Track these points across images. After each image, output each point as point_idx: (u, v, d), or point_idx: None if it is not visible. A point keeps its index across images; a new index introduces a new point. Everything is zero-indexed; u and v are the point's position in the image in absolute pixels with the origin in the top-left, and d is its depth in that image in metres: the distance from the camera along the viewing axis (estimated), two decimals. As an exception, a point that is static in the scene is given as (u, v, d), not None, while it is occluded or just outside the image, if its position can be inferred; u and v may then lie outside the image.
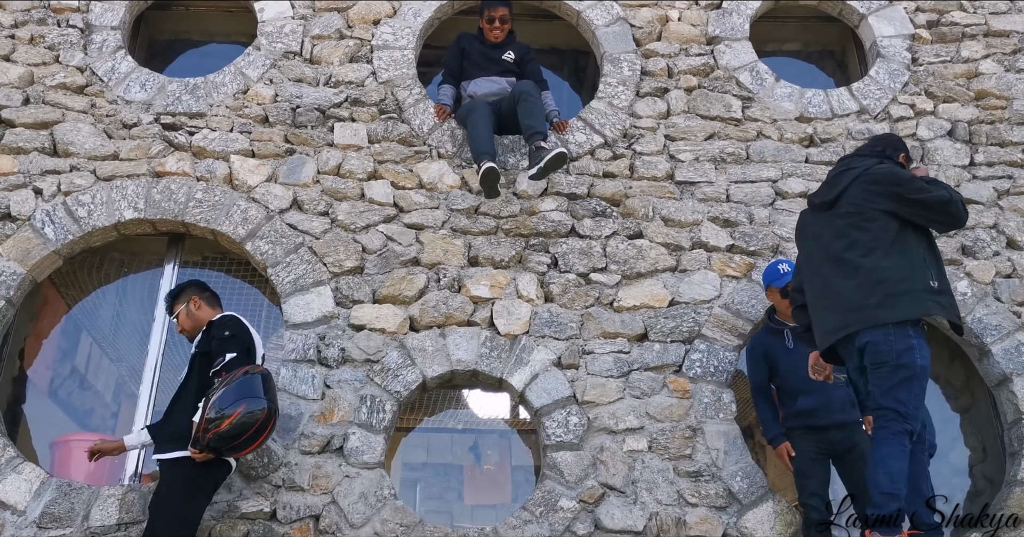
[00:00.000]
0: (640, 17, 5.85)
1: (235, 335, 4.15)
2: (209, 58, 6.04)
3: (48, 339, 5.37)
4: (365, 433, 4.51)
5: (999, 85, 5.65)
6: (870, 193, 3.80)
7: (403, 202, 5.12)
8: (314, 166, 5.19)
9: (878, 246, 3.72)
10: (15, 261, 4.83)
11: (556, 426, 4.58)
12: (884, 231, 3.75)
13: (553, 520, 4.35)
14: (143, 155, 5.15)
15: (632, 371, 4.73)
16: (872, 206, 3.78)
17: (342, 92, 5.44)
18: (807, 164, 5.38)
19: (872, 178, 3.84)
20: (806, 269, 4.00)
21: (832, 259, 3.82)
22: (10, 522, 4.25)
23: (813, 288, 3.91)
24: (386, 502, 4.36)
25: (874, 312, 3.61)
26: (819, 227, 3.96)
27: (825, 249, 3.87)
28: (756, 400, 4.59)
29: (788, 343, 4.49)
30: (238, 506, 4.32)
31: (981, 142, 5.47)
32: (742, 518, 4.42)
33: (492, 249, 4.98)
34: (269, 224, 4.99)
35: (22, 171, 5.06)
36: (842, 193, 3.87)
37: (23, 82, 5.36)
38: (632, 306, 4.89)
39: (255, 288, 5.29)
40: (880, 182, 3.82)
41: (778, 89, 5.63)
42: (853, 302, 3.67)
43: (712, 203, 5.22)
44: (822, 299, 3.84)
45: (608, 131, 5.42)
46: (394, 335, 4.76)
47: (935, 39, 5.86)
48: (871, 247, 3.73)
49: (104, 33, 5.59)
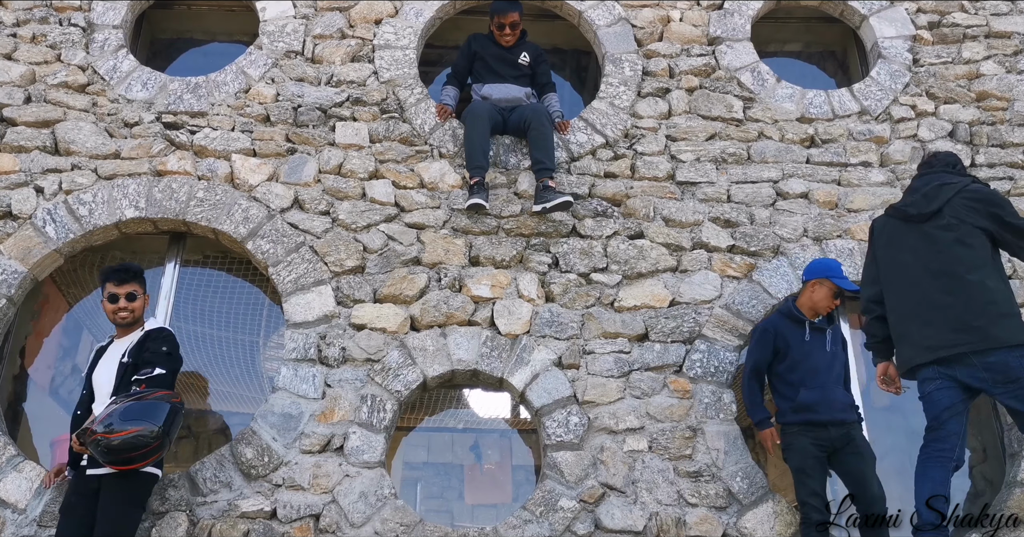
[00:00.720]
0: (642, 17, 5.85)
1: (171, 354, 4.17)
2: (211, 57, 6.05)
3: (49, 337, 5.37)
4: (366, 432, 4.52)
5: (1000, 86, 5.65)
6: (971, 210, 3.92)
7: (404, 201, 5.13)
8: (315, 165, 5.19)
9: (982, 264, 3.84)
10: (16, 259, 4.83)
11: (556, 426, 4.58)
12: (984, 249, 3.88)
13: (553, 520, 4.36)
14: (144, 154, 5.16)
15: (633, 371, 4.74)
16: (972, 223, 3.89)
17: (343, 91, 5.45)
18: (808, 165, 5.39)
19: (974, 196, 3.96)
20: (895, 281, 4.04)
21: (933, 273, 3.90)
22: (11, 520, 4.26)
23: (905, 301, 3.97)
24: (386, 501, 4.37)
25: (997, 332, 3.72)
26: (915, 239, 4.02)
27: (925, 262, 3.94)
28: (749, 381, 4.48)
29: (806, 336, 4.47)
30: (238, 505, 4.32)
31: (982, 143, 5.48)
32: (742, 518, 4.42)
33: (493, 249, 4.99)
34: (270, 223, 4.99)
35: (23, 170, 5.07)
36: (943, 206, 3.94)
37: (25, 81, 5.37)
38: (633, 306, 4.90)
39: (256, 287, 5.29)
40: (982, 201, 3.94)
41: (779, 90, 5.63)
42: (963, 320, 3.77)
43: (713, 203, 5.22)
44: (919, 313, 3.91)
45: (609, 131, 5.42)
46: (395, 334, 4.76)
47: (936, 40, 5.87)
48: (975, 264, 3.84)
49: (106, 32, 5.59)
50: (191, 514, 4.30)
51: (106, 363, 4.20)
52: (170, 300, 4.97)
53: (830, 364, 4.43)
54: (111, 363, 4.17)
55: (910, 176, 5.34)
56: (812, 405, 4.30)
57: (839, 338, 4.57)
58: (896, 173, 5.37)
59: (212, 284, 4.69)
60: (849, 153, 5.42)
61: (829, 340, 4.49)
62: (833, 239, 5.14)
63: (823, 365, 4.40)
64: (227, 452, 4.47)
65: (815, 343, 4.42)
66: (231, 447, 4.48)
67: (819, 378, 4.29)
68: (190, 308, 5.15)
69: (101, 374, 4.17)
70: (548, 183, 4.95)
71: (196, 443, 5.23)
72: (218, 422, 5.32)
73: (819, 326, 4.50)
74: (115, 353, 4.21)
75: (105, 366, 4.19)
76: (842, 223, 5.20)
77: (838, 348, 4.51)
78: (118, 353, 4.19)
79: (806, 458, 4.26)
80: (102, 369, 4.18)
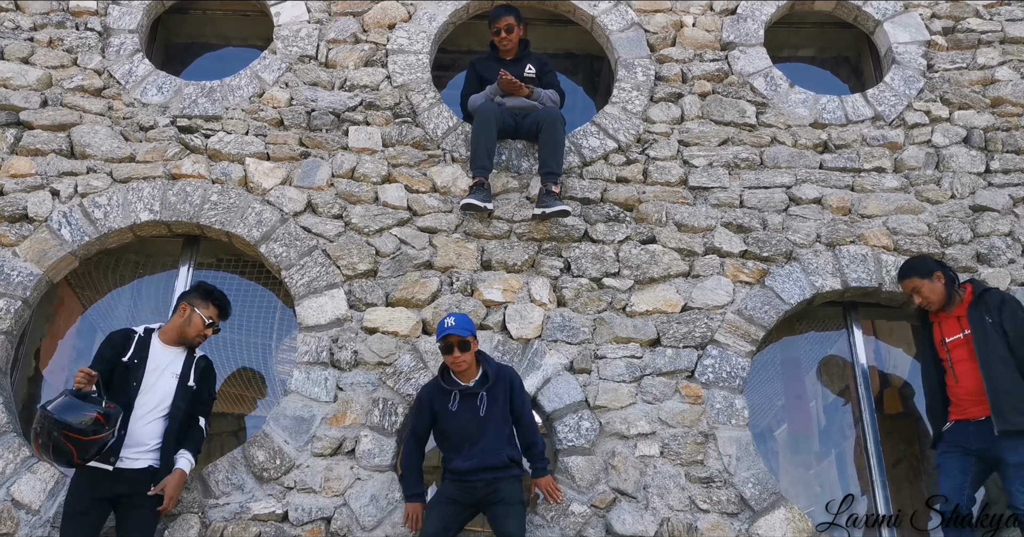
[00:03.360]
0: (655, 22, 5.85)
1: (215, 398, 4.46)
2: (225, 61, 6.08)
3: (64, 339, 5.40)
4: (377, 436, 4.52)
5: (1015, 92, 5.63)
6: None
7: (417, 206, 5.14)
8: (328, 169, 5.21)
9: None
10: (32, 262, 4.87)
11: (568, 431, 4.58)
12: None
13: (564, 525, 4.35)
14: (159, 157, 5.19)
15: (644, 376, 4.73)
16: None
17: (357, 96, 5.47)
18: (821, 170, 5.37)
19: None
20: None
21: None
22: (25, 521, 4.28)
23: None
24: (397, 505, 4.37)
25: None
26: None
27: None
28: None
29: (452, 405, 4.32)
30: (250, 507, 4.34)
31: (997, 149, 5.45)
32: (754, 525, 4.40)
33: (505, 253, 4.99)
34: (283, 227, 5.01)
35: (39, 173, 5.11)
36: None
37: (41, 84, 5.41)
38: (645, 311, 4.89)
39: (269, 290, 5.31)
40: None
41: (792, 95, 5.62)
42: None
43: (725, 209, 5.21)
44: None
45: (622, 136, 5.42)
46: (407, 338, 4.77)
47: (951, 46, 5.85)
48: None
49: (122, 36, 5.63)
50: (203, 516, 4.32)
51: (162, 372, 4.18)
52: (183, 303, 4.99)
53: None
54: (168, 376, 4.19)
55: (924, 182, 5.34)
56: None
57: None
58: (910, 179, 5.35)
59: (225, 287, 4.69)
60: (863, 159, 5.40)
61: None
62: (846, 245, 5.12)
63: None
64: (239, 455, 4.49)
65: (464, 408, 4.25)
66: (243, 450, 4.50)
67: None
68: (203, 311, 5.16)
69: (154, 381, 4.15)
70: (551, 188, 4.95)
71: (208, 445, 5.24)
72: (230, 425, 5.34)
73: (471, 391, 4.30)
74: (169, 363, 4.22)
75: (160, 375, 4.18)
76: (855, 229, 5.18)
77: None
78: (175, 367, 4.22)
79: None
80: (156, 376, 4.17)
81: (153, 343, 4.25)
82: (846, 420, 5.26)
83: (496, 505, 4.10)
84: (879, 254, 5.09)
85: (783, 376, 5.57)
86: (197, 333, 4.29)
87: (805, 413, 5.59)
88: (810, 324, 5.45)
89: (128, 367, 4.14)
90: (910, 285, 4.56)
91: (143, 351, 4.20)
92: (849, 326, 5.22)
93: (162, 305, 5.12)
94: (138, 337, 4.24)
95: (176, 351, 4.27)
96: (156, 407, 4.12)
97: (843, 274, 5.03)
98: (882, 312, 5.33)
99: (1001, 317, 4.29)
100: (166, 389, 4.16)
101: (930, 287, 4.47)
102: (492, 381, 4.28)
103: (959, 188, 5.32)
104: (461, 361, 4.23)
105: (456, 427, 4.23)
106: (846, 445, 5.36)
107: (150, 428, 4.10)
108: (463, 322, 4.25)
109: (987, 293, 4.45)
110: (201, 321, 4.28)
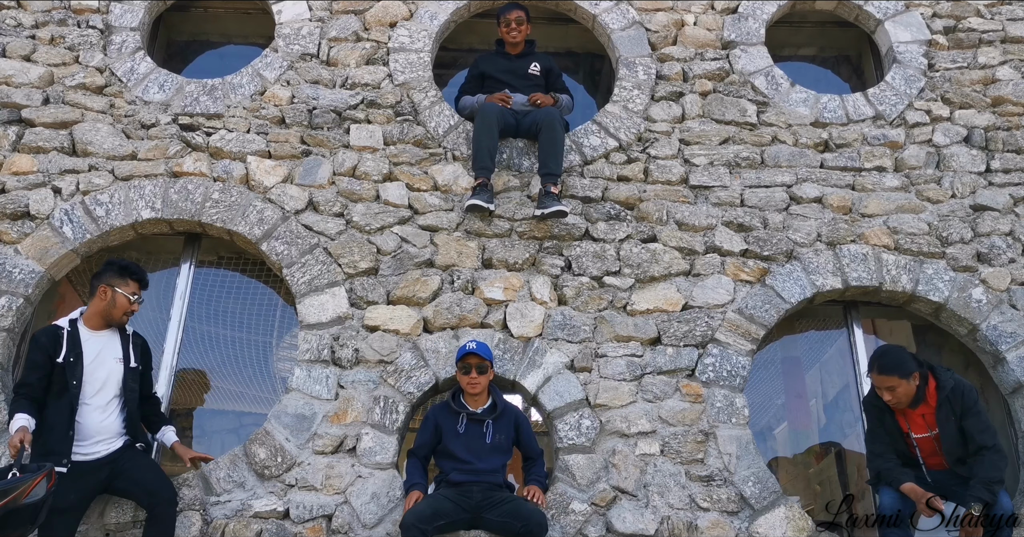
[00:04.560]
0: (656, 21, 5.86)
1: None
2: (227, 59, 6.09)
3: (65, 337, 5.40)
4: (378, 433, 4.53)
5: (1016, 91, 5.63)
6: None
7: (418, 204, 5.14)
8: (330, 167, 5.22)
9: None
10: (33, 259, 4.87)
11: (568, 429, 4.58)
12: None
13: (564, 523, 4.36)
14: (161, 155, 5.20)
15: (645, 375, 4.74)
16: None
17: (358, 94, 5.47)
18: (822, 169, 5.38)
19: None
20: None
21: None
22: (26, 518, 4.29)
23: None
24: (398, 503, 4.38)
25: None
26: None
27: None
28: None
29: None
30: (251, 505, 4.34)
31: (997, 149, 5.46)
32: (754, 523, 4.41)
33: (506, 251, 5.00)
34: (285, 225, 5.02)
35: (41, 170, 5.11)
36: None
37: (43, 82, 5.41)
38: (645, 310, 4.90)
39: (270, 288, 5.32)
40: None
41: (793, 94, 5.62)
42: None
43: (726, 207, 5.22)
44: None
45: (623, 135, 5.42)
46: (408, 336, 4.78)
47: (952, 45, 5.85)
48: None
49: (123, 34, 5.64)
50: (204, 513, 4.33)
51: (103, 361, 4.13)
52: (185, 300, 5.00)
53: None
54: (111, 361, 4.15)
55: (924, 181, 5.34)
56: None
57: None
58: (911, 178, 5.35)
59: (226, 285, 4.72)
60: (863, 158, 5.40)
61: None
62: (847, 244, 5.13)
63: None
64: (241, 452, 4.50)
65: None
66: (245, 447, 4.51)
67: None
68: (204, 309, 5.18)
69: (98, 371, 4.11)
70: (550, 189, 4.95)
71: (209, 443, 5.26)
72: (231, 422, 5.35)
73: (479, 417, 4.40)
74: (105, 349, 4.16)
75: (102, 364, 4.13)
76: (856, 228, 5.18)
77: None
78: (115, 351, 4.18)
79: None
80: (98, 366, 4.11)
81: (82, 334, 4.15)
82: (846, 418, 5.28)
83: (499, 505, 4.12)
84: (880, 253, 5.10)
85: (783, 375, 5.59)
86: (124, 312, 4.21)
87: (805, 411, 5.61)
88: (810, 323, 5.46)
89: (66, 367, 4.04)
90: (887, 382, 4.16)
91: (76, 347, 4.09)
92: (849, 325, 5.24)
93: (163, 302, 5.13)
94: (67, 332, 4.12)
95: (107, 334, 4.22)
96: (112, 397, 4.11)
97: (844, 273, 5.04)
98: (882, 311, 5.34)
99: (966, 420, 4.15)
100: (114, 376, 4.14)
101: (905, 388, 4.15)
102: (500, 412, 4.40)
103: (960, 187, 5.33)
104: (477, 383, 4.36)
105: (460, 448, 4.30)
106: (846, 444, 5.38)
107: (111, 419, 4.10)
108: (484, 348, 4.42)
109: (953, 392, 4.21)
110: (126, 299, 4.20)
